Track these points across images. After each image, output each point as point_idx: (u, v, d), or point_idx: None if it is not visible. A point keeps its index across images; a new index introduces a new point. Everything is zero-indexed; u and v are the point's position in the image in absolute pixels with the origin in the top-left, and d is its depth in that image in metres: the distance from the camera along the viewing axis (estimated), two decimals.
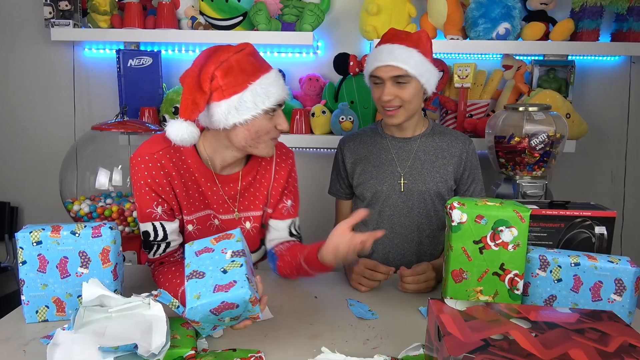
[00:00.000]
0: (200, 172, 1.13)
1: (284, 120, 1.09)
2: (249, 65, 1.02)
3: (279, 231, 1.24)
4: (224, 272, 0.84)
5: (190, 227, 1.14)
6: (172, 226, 1.12)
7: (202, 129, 1.13)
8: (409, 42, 1.28)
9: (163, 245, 1.12)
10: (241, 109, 1.01)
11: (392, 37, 1.31)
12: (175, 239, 1.13)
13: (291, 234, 1.25)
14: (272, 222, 1.25)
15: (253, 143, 1.08)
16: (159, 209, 1.09)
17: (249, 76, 1.01)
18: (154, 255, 1.12)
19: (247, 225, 1.20)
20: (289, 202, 1.24)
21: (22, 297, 0.95)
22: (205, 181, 1.14)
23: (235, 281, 0.82)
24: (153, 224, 1.10)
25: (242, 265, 0.85)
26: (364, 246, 1.03)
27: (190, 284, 0.84)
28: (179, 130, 1.01)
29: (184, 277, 0.93)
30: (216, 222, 1.18)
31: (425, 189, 1.36)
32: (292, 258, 1.15)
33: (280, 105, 1.07)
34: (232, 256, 0.87)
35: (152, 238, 1.10)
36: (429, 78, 1.29)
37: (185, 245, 0.94)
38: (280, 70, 2.13)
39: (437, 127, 1.44)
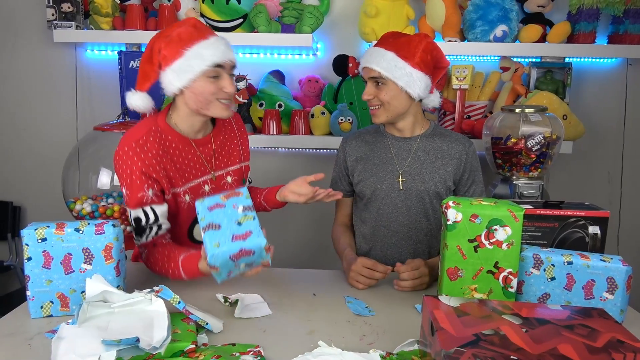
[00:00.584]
0: (180, 143, 1.23)
1: (229, 83, 1.17)
2: (187, 35, 1.14)
3: None
4: (239, 224, 0.95)
5: (187, 198, 1.23)
6: (161, 209, 1.18)
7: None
8: (389, 45, 1.32)
9: (155, 228, 1.17)
10: (181, 73, 1.13)
11: (381, 39, 1.37)
12: (165, 222, 1.19)
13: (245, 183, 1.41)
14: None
15: (203, 105, 1.18)
16: (150, 192, 1.15)
17: (185, 43, 1.13)
18: (146, 239, 1.17)
19: (229, 179, 1.32)
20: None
21: (28, 293, 0.98)
22: (187, 150, 1.24)
23: (251, 231, 0.93)
24: (144, 209, 1.15)
25: (254, 217, 0.97)
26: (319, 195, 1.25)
27: (208, 235, 0.94)
28: (133, 100, 1.21)
29: (182, 250, 1.13)
30: (206, 188, 1.27)
31: (424, 188, 1.38)
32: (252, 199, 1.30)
33: (220, 66, 1.15)
34: (243, 210, 0.99)
35: (144, 223, 1.15)
36: (409, 82, 1.30)
37: (197, 201, 1.03)
38: (276, 71, 2.16)
39: (438, 128, 1.46)
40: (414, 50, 1.31)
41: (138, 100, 1.21)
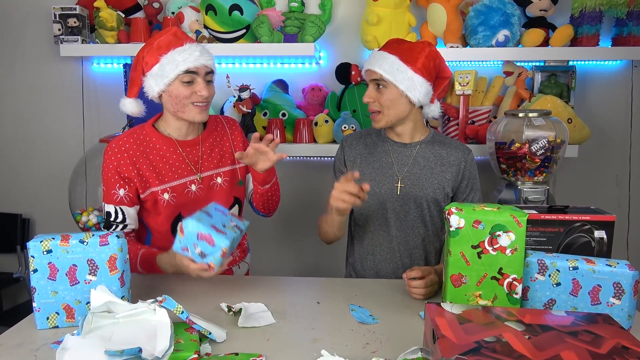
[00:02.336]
0: (165, 144, 1.32)
1: (202, 87, 1.24)
2: (165, 42, 1.23)
3: (249, 184, 1.47)
4: (223, 226, 1.10)
5: (166, 196, 1.30)
6: (129, 211, 1.30)
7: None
8: (393, 49, 1.33)
9: (120, 226, 1.31)
10: (158, 78, 1.23)
11: (385, 44, 1.38)
12: (131, 223, 1.32)
13: None
14: (248, 176, 1.46)
15: (179, 108, 1.26)
16: (121, 192, 1.28)
17: (162, 50, 1.23)
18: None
19: (219, 180, 1.37)
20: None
21: (34, 304, 0.99)
22: (172, 151, 1.32)
23: (225, 233, 1.08)
24: (115, 207, 1.29)
25: (237, 233, 1.12)
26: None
27: (199, 213, 1.09)
28: (124, 106, 1.33)
29: (143, 246, 1.29)
30: (192, 187, 1.33)
31: (422, 194, 1.39)
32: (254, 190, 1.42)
33: (194, 72, 1.23)
34: (234, 227, 1.14)
35: (112, 218, 1.29)
36: (410, 86, 1.30)
37: (212, 202, 1.20)
38: (281, 82, 2.17)
39: (437, 136, 1.46)
40: (416, 56, 1.31)
41: (128, 105, 1.32)
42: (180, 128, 1.32)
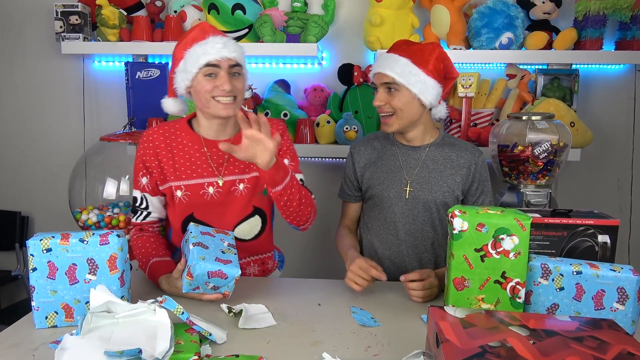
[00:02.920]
0: (192, 141, 1.29)
1: (225, 81, 1.18)
2: (191, 37, 1.21)
3: None
4: (223, 252, 1.09)
5: (179, 193, 1.27)
6: (153, 200, 1.31)
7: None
8: (403, 51, 1.32)
9: (145, 213, 1.31)
10: (183, 74, 1.21)
11: (394, 45, 1.36)
12: (154, 212, 1.32)
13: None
14: None
15: (204, 103, 1.21)
16: (144, 180, 1.29)
17: (187, 45, 1.20)
18: (136, 219, 1.33)
19: (241, 186, 1.30)
20: (286, 161, 1.32)
21: (33, 303, 0.98)
22: (196, 149, 1.29)
23: (230, 261, 1.07)
24: (141, 193, 1.30)
25: (235, 253, 1.11)
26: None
27: (197, 249, 1.06)
28: (165, 106, 1.31)
29: (159, 251, 1.27)
30: (210, 190, 1.28)
31: (432, 197, 1.37)
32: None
33: (215, 65, 1.18)
34: (228, 246, 1.13)
35: (138, 204, 1.31)
36: (422, 89, 1.29)
37: (191, 224, 1.16)
38: (284, 81, 2.17)
39: (447, 137, 1.45)
40: (427, 58, 1.31)
41: (167, 105, 1.31)
42: (210, 127, 1.28)
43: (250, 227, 1.33)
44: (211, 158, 1.28)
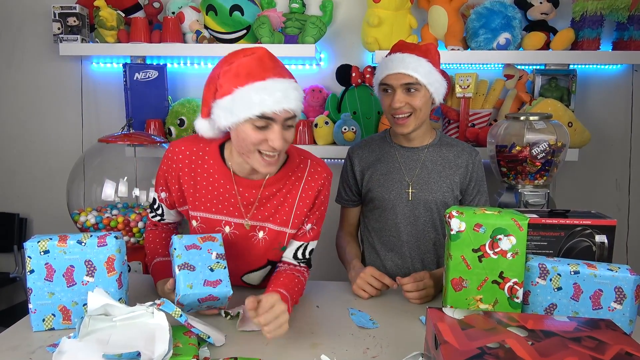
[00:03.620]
0: (220, 173, 1.13)
1: (277, 137, 0.99)
2: (245, 69, 0.97)
3: (287, 249, 1.21)
4: (211, 270, 1.02)
5: (194, 223, 1.18)
6: (169, 211, 1.26)
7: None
8: (419, 51, 1.32)
9: (158, 217, 1.28)
10: (227, 112, 0.99)
11: (402, 47, 1.35)
12: (168, 219, 1.28)
13: (295, 257, 1.20)
14: (291, 241, 1.21)
15: (244, 151, 1.04)
16: (163, 194, 1.22)
17: (240, 80, 0.97)
18: (152, 217, 1.30)
19: (260, 234, 1.16)
20: (308, 226, 1.19)
21: (30, 306, 0.98)
22: (223, 182, 1.13)
23: (220, 280, 1.00)
24: (158, 199, 1.24)
25: (225, 267, 1.03)
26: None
27: (183, 274, 0.99)
28: (197, 127, 1.10)
29: (165, 250, 1.24)
30: (227, 229, 1.15)
31: (432, 198, 1.38)
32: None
33: (270, 119, 0.98)
34: (217, 257, 1.04)
35: (156, 206, 1.26)
36: (437, 87, 1.33)
37: (174, 237, 1.05)
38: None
39: (444, 138, 1.45)
40: (437, 57, 1.35)
41: (201, 127, 1.09)
42: (242, 164, 1.11)
43: (259, 276, 1.25)
44: (240, 196, 1.13)
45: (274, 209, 1.15)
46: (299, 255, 1.20)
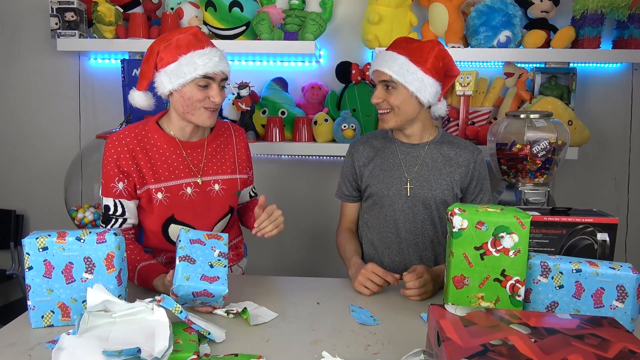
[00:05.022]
0: (167, 143, 1.29)
1: (217, 93, 1.22)
2: (185, 42, 1.20)
3: (244, 196, 1.50)
4: (211, 266, 1.03)
5: (159, 195, 1.27)
6: (129, 205, 1.27)
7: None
8: (402, 49, 1.31)
9: (120, 220, 1.27)
10: (173, 77, 1.20)
11: (393, 44, 1.35)
12: (130, 217, 1.28)
13: (250, 196, 1.52)
14: (245, 190, 1.47)
15: (188, 110, 1.23)
16: (120, 185, 1.25)
17: (181, 50, 1.19)
18: (110, 228, 1.27)
19: (216, 187, 1.34)
20: (251, 172, 1.47)
21: (28, 302, 0.97)
22: (172, 150, 1.29)
23: (218, 277, 1.01)
24: (114, 200, 1.25)
25: (225, 266, 1.04)
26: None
27: (182, 266, 1.00)
28: (132, 99, 1.29)
29: (142, 256, 1.23)
30: (188, 190, 1.30)
31: (431, 195, 1.37)
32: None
33: (210, 78, 1.20)
34: (219, 255, 1.06)
35: (111, 212, 1.26)
36: (420, 87, 1.29)
37: (181, 230, 1.09)
38: (282, 79, 2.16)
39: (446, 136, 1.45)
40: (426, 56, 1.30)
41: (138, 98, 1.29)
42: (184, 129, 1.30)
43: (223, 223, 1.40)
44: (189, 159, 1.31)
45: (219, 162, 1.36)
46: (252, 193, 1.53)
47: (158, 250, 1.35)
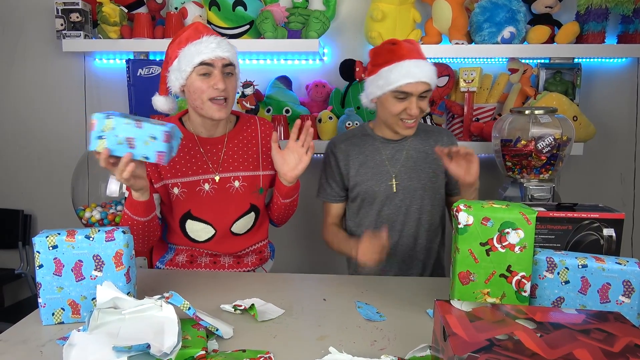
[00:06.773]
0: (186, 139, 1.30)
1: (218, 80, 1.20)
2: (185, 37, 1.22)
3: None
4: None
5: (176, 190, 1.30)
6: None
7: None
8: (419, 54, 1.35)
9: None
10: (177, 72, 1.22)
11: (411, 52, 1.34)
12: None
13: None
14: (270, 190, 1.43)
15: (198, 104, 1.23)
16: None
17: (181, 44, 1.22)
18: None
19: (236, 184, 1.33)
20: None
21: (39, 300, 0.98)
22: (190, 147, 1.31)
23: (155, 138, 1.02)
24: None
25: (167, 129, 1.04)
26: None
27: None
28: (155, 104, 1.31)
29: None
30: (206, 186, 1.31)
31: (420, 185, 1.42)
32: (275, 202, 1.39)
33: (209, 64, 1.19)
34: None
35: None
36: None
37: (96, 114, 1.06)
38: (284, 78, 2.16)
39: (420, 125, 1.48)
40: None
41: (159, 102, 1.31)
42: (203, 124, 1.30)
43: (245, 223, 1.38)
44: (206, 155, 1.31)
45: (241, 158, 1.34)
46: None
47: (180, 248, 1.36)
